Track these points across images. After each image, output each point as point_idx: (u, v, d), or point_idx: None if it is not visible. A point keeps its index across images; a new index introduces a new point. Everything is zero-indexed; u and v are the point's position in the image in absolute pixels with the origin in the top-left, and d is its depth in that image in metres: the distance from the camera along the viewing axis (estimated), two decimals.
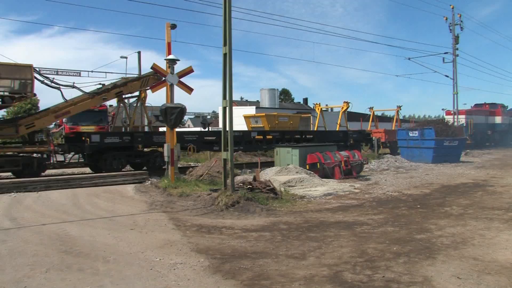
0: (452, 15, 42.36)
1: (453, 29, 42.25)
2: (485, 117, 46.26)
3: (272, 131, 26.39)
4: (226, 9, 11.46)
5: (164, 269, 6.13)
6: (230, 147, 11.41)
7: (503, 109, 49.26)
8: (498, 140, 46.87)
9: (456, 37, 42.38)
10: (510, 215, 9.83)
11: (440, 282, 5.51)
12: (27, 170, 16.32)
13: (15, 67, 15.93)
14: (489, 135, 46.46)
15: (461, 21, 42.27)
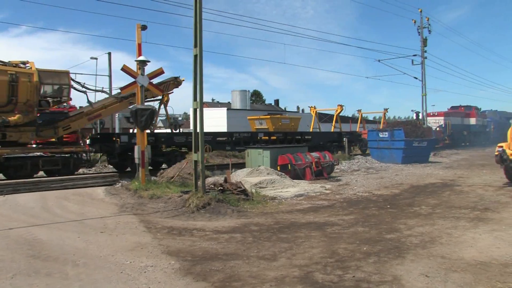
0: (421, 18, 43.07)
1: (421, 32, 42.95)
2: (461, 119, 48.98)
3: (276, 132, 28.45)
4: (197, 10, 11.42)
5: (134, 272, 6.08)
6: (200, 149, 11.38)
7: (477, 111, 52.20)
8: (473, 140, 49.28)
9: (424, 40, 43.11)
10: (476, 214, 10.05)
11: (409, 281, 5.60)
12: (64, 169, 17.43)
13: (54, 73, 17.07)
14: (465, 136, 49.14)
15: (429, 24, 43.02)
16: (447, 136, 45.14)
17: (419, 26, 43.01)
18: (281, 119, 33.06)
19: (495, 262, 6.38)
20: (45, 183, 14.53)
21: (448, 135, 45.47)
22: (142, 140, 14.83)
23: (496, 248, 7.13)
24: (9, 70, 15.43)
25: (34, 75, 15.93)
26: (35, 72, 16.04)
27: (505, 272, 5.93)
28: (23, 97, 15.82)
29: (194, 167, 11.87)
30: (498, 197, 12.50)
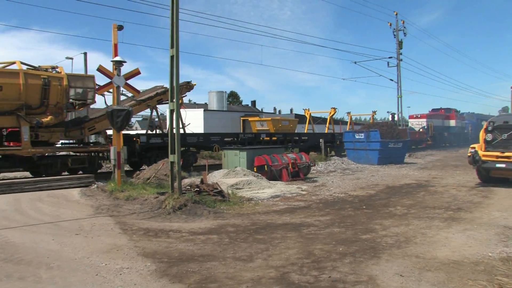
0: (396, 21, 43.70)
1: (397, 35, 43.55)
2: (442, 121, 52.11)
3: (276, 133, 30.13)
4: (173, 11, 11.38)
5: (110, 274, 6.03)
6: (177, 150, 11.34)
7: (456, 114, 55.64)
8: (453, 141, 52.25)
9: (399, 42, 43.70)
10: (449, 214, 10.21)
11: (384, 281, 5.66)
12: (89, 167, 18.82)
13: (80, 77, 19.08)
14: (446, 136, 52.22)
15: (404, 27, 43.72)
16: (429, 137, 48.22)
17: (394, 28, 43.65)
18: (281, 121, 35.30)
19: (467, 260, 6.50)
20: (19, 185, 14.33)
21: (431, 136, 48.15)
22: (118, 141, 14.73)
23: (468, 247, 7.27)
24: (42, 75, 16.66)
25: (64, 79, 17.21)
26: (65, 76, 17.34)
27: (476, 270, 6.05)
28: (54, 100, 17.02)
29: (170, 168, 11.82)
30: (471, 197, 12.73)
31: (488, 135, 14.63)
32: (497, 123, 14.61)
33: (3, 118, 16.14)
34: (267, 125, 34.06)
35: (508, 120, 14.47)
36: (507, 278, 5.65)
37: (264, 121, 35.23)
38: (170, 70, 11.61)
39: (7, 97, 15.90)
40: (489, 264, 6.33)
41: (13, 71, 16.33)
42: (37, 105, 16.70)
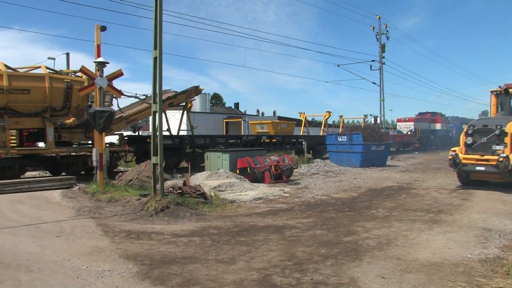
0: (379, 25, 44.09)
1: (379, 38, 43.96)
2: (428, 124, 53.62)
3: (276, 136, 31.71)
4: (157, 12, 11.36)
5: (91, 277, 5.99)
6: (159, 152, 11.30)
7: (442, 117, 57.66)
8: (438, 144, 53.80)
9: (382, 46, 44.10)
10: (430, 216, 10.31)
11: (366, 283, 5.70)
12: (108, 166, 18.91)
13: None
14: (432, 139, 54.01)
15: (387, 31, 44.17)
16: (417, 140, 49.76)
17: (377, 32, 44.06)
18: (280, 124, 37.60)
19: (447, 262, 6.58)
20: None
21: (418, 139, 49.86)
22: (100, 142, 14.63)
23: (448, 249, 7.35)
24: (66, 79, 17.79)
25: (85, 83, 17.68)
26: (86, 80, 17.72)
27: (456, 271, 6.13)
28: (75, 102, 18.14)
29: (152, 170, 11.78)
30: (451, 200, 12.86)
31: (468, 138, 14.81)
32: (476, 126, 14.80)
33: (30, 120, 17.16)
34: (267, 127, 35.91)
35: (487, 123, 14.67)
36: (484, 279, 5.73)
37: (264, 124, 36.92)
38: (153, 72, 11.57)
39: (34, 100, 16.88)
40: (468, 265, 6.42)
41: (40, 75, 17.27)
42: (60, 107, 17.79)
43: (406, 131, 50.42)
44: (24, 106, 16.77)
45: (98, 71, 14.45)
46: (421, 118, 53.64)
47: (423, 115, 55.41)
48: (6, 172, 16.92)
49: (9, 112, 16.52)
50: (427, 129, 53.08)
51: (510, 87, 16.68)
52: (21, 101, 16.65)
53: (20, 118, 16.91)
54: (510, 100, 16.85)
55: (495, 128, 14.15)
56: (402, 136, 48.45)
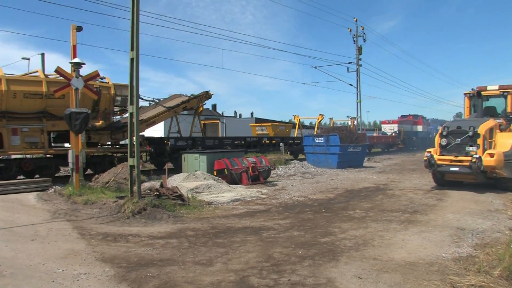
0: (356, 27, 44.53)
1: (356, 41, 44.34)
2: (411, 126, 57.14)
3: (275, 137, 33.82)
4: (134, 12, 11.28)
5: (67, 280, 5.92)
6: (136, 153, 11.24)
7: (423, 119, 61.25)
8: (420, 145, 55.95)
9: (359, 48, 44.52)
10: (406, 217, 10.44)
11: (343, 283, 5.76)
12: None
13: (122, 86, 20.50)
14: (414, 140, 57.00)
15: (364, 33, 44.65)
16: (400, 141, 52.63)
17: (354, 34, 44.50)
18: (278, 126, 39.44)
19: (422, 261, 6.69)
20: None
21: (402, 140, 53.08)
22: (76, 144, 14.46)
23: (424, 249, 7.46)
24: (95, 84, 18.35)
25: (112, 88, 19.69)
26: (112, 85, 19.76)
27: (430, 270, 6.23)
28: (103, 106, 19.54)
29: (129, 172, 11.70)
30: (427, 200, 13.04)
31: (443, 139, 15.03)
32: (451, 128, 15.02)
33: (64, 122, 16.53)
34: (266, 129, 37.94)
35: (461, 125, 14.90)
36: (458, 277, 5.84)
37: (264, 126, 39.10)
38: (130, 73, 11.50)
39: (68, 104, 17.08)
40: (442, 264, 6.53)
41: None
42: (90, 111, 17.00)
43: (390, 133, 53.80)
44: (60, 110, 17.19)
45: (74, 72, 14.29)
46: (404, 120, 56.82)
47: (405, 118, 58.40)
48: (44, 171, 18.17)
49: (47, 115, 17.72)
50: (410, 131, 56.18)
51: (482, 90, 17.00)
52: (57, 105, 17.55)
53: (56, 121, 17.89)
54: (482, 102, 17.16)
55: (468, 130, 14.40)
56: (387, 138, 51.61)
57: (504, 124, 16.04)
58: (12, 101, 16.58)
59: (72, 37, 14.74)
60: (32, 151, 17.79)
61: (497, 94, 16.91)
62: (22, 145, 16.98)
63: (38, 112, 17.53)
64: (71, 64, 14.37)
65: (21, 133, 16.99)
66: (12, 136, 16.95)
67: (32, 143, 17.41)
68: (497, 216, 10.46)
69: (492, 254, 6.75)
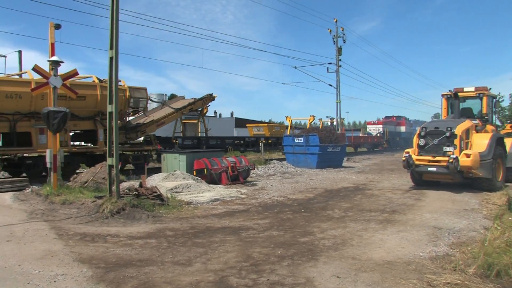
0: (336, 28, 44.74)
1: (336, 41, 44.55)
2: (394, 127, 60.26)
3: (271, 137, 37.11)
4: (113, 11, 11.18)
5: (43, 282, 5.83)
6: (115, 153, 11.16)
7: (406, 121, 64.56)
8: (403, 144, 57.85)
9: (339, 49, 44.74)
10: (384, 216, 10.54)
11: (322, 282, 5.78)
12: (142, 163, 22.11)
13: (136, 89, 22.59)
14: (398, 141, 59.92)
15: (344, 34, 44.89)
16: (385, 141, 55.28)
17: (334, 35, 44.71)
18: (274, 127, 42.12)
19: (400, 260, 6.75)
20: None
21: (386, 140, 55.30)
22: (54, 143, 14.29)
23: (402, 248, 7.54)
24: None
25: (127, 90, 21.41)
26: (127, 88, 21.49)
27: (408, 269, 6.30)
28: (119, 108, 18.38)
29: (108, 171, 11.61)
30: (405, 200, 13.17)
31: (421, 140, 15.19)
32: (429, 128, 15.20)
33: (85, 123, 20.04)
34: (263, 130, 40.27)
35: (439, 126, 15.08)
36: (434, 275, 5.92)
37: (261, 127, 41.62)
38: (109, 72, 11.42)
39: (88, 106, 19.79)
40: (419, 263, 6.61)
41: (93, 84, 20.19)
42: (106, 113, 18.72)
43: (375, 133, 56.96)
44: (81, 110, 19.49)
45: (52, 70, 14.12)
46: (388, 121, 60.13)
47: (389, 118, 62.01)
48: (67, 167, 18.51)
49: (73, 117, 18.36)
50: (394, 131, 59.16)
51: (459, 91, 17.23)
52: (79, 106, 19.22)
53: (77, 121, 19.61)
54: (459, 103, 17.38)
55: (445, 131, 14.58)
56: (373, 138, 54.83)
57: (480, 125, 16.30)
58: (40, 102, 17.39)
59: (50, 35, 14.57)
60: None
61: (473, 95, 17.17)
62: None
63: None
64: (49, 62, 14.19)
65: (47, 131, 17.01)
66: (39, 135, 18.13)
67: None
68: (473, 215, 10.63)
69: (467, 253, 6.85)
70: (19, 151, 18.15)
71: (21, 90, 17.26)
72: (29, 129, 17.89)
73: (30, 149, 18.12)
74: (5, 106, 16.91)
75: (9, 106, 17.11)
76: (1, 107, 16.93)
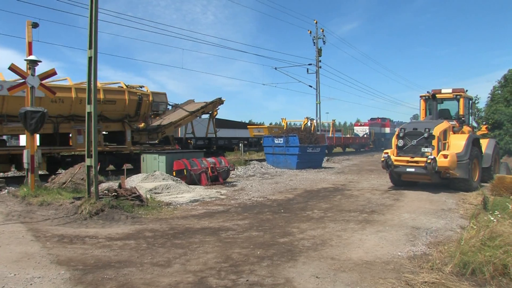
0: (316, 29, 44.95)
1: (316, 42, 44.76)
2: (380, 128, 63.29)
3: None
4: (92, 10, 11.09)
5: (19, 285, 5.74)
6: (94, 153, 11.06)
7: (391, 122, 67.81)
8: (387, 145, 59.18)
9: (319, 50, 44.94)
10: (363, 217, 10.61)
11: (301, 283, 5.80)
12: None
13: (157, 94, 25.40)
14: (383, 141, 62.20)
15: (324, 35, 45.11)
16: (371, 142, 58.58)
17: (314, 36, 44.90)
18: (273, 128, 42.32)
19: (379, 260, 6.82)
20: None
21: (372, 141, 58.35)
22: (31, 143, 14.10)
23: (380, 248, 7.61)
24: (138, 92, 23.21)
25: (150, 95, 23.78)
26: (150, 93, 23.92)
27: (386, 269, 6.36)
28: (143, 111, 23.54)
29: (87, 172, 11.49)
30: (384, 200, 13.29)
31: (399, 141, 15.34)
32: (407, 129, 15.36)
33: (115, 124, 22.43)
34: (263, 131, 41.19)
35: (417, 127, 15.25)
36: (412, 274, 5.99)
37: (261, 128, 43.66)
38: (87, 72, 11.32)
39: (117, 109, 22.19)
40: (398, 262, 6.68)
41: (121, 90, 22.58)
42: (133, 115, 23.08)
43: (362, 134, 60.37)
44: (111, 113, 21.94)
45: (29, 69, 13.91)
46: (374, 123, 63.19)
47: (375, 120, 64.89)
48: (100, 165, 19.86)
49: (102, 118, 21.24)
50: (379, 133, 62.15)
51: (437, 93, 17.46)
52: (110, 110, 21.70)
53: (109, 123, 22.03)
54: (437, 105, 17.61)
55: (424, 131, 14.75)
56: (360, 139, 58.13)
57: (457, 126, 16.54)
58: (78, 106, 19.48)
59: (28, 34, 14.37)
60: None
61: (451, 97, 17.42)
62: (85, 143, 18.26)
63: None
64: (26, 61, 13.98)
65: (84, 133, 18.64)
66: (78, 136, 20.27)
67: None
68: (450, 215, 10.78)
69: (444, 252, 6.96)
70: (61, 149, 20.45)
71: (63, 95, 19.41)
72: (69, 130, 20.23)
73: (70, 148, 20.64)
74: (50, 110, 17.35)
75: (53, 110, 18.75)
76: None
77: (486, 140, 17.81)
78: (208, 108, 29.36)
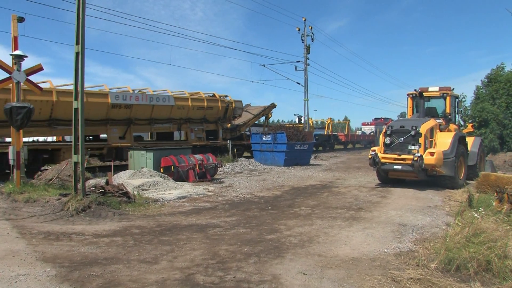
0: (304, 26, 44.90)
1: (304, 40, 44.70)
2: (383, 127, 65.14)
3: None
4: (79, 5, 11.00)
5: (3, 283, 5.67)
6: (81, 149, 10.99)
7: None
8: None
9: (307, 47, 44.87)
10: (350, 214, 10.65)
11: (288, 279, 5.81)
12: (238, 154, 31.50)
13: (236, 101, 31.67)
14: None
15: (312, 33, 45.06)
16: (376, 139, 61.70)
17: (303, 34, 44.81)
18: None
19: (365, 257, 6.86)
20: None
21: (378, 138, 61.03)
22: (17, 140, 13.97)
23: (367, 245, 7.65)
24: (225, 101, 30.40)
25: (233, 103, 31.09)
26: (232, 101, 31.18)
27: (373, 265, 6.40)
28: (229, 115, 31.10)
29: (73, 168, 11.42)
30: (371, 197, 13.36)
31: (387, 138, 15.42)
32: (394, 127, 15.44)
33: (211, 124, 29.79)
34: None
35: (404, 124, 15.34)
36: (398, 271, 6.05)
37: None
38: (74, 67, 11.23)
39: (213, 114, 29.67)
40: (384, 259, 6.73)
41: (216, 99, 29.87)
42: (222, 118, 30.54)
43: (369, 132, 69.78)
44: (210, 117, 29.40)
45: (15, 65, 13.78)
46: (378, 122, 70.88)
47: (378, 120, 73.33)
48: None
49: (205, 120, 28.97)
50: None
51: (424, 91, 17.56)
52: (209, 114, 29.25)
53: (208, 124, 29.48)
54: (424, 103, 17.71)
55: (410, 129, 14.84)
56: (368, 136, 67.63)
57: (444, 124, 16.66)
58: (192, 112, 27.87)
59: (13, 28, 14.19)
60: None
61: (438, 95, 17.54)
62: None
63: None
64: (12, 56, 13.84)
65: (194, 131, 28.70)
66: (190, 133, 28.33)
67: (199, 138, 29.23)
68: (436, 212, 10.87)
69: (430, 249, 7.01)
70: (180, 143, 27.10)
71: (183, 104, 27.16)
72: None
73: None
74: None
75: (177, 114, 27.00)
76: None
77: (472, 138, 17.97)
78: (266, 111, 36.06)
